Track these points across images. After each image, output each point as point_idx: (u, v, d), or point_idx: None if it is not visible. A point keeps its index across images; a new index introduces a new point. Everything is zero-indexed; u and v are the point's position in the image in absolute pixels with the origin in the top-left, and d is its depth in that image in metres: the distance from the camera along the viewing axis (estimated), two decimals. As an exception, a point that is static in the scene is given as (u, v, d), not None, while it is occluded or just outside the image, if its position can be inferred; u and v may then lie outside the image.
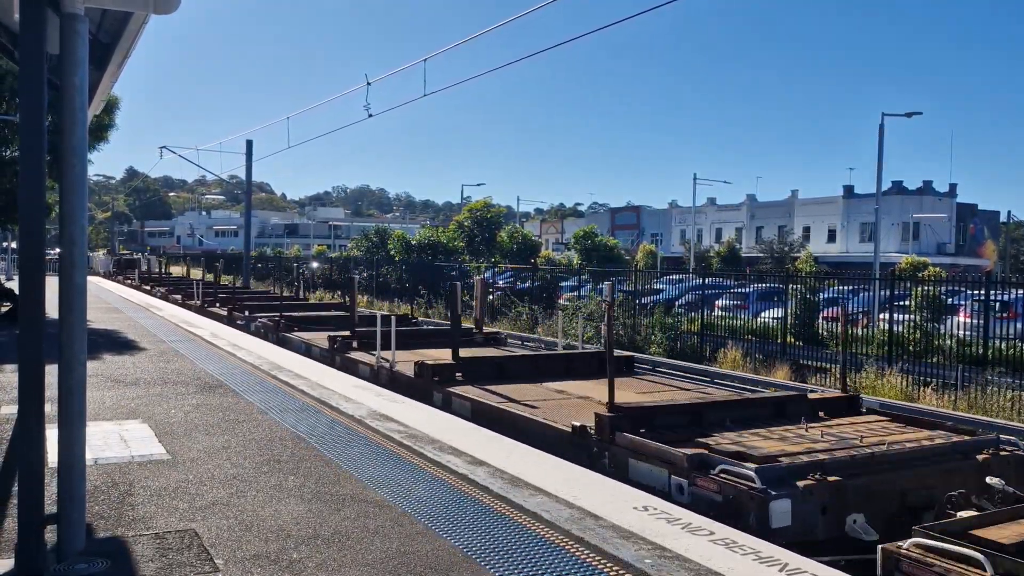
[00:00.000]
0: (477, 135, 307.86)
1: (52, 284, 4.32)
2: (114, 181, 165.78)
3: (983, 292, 16.61)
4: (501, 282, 32.43)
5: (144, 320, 20.07)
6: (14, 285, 22.71)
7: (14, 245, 50.42)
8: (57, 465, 4.52)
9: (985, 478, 6.67)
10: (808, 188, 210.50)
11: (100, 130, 23.76)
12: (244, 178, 42.02)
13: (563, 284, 30.20)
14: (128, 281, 43.43)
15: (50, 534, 4.42)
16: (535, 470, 6.50)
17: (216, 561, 4.52)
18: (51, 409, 5.19)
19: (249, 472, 6.32)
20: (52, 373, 4.40)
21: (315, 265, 44.59)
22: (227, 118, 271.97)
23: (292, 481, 6.10)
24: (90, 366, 8.29)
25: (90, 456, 6.11)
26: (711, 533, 5.10)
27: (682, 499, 6.51)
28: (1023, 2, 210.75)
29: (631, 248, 59.86)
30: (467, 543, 4.87)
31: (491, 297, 29.24)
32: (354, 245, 47.43)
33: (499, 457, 6.89)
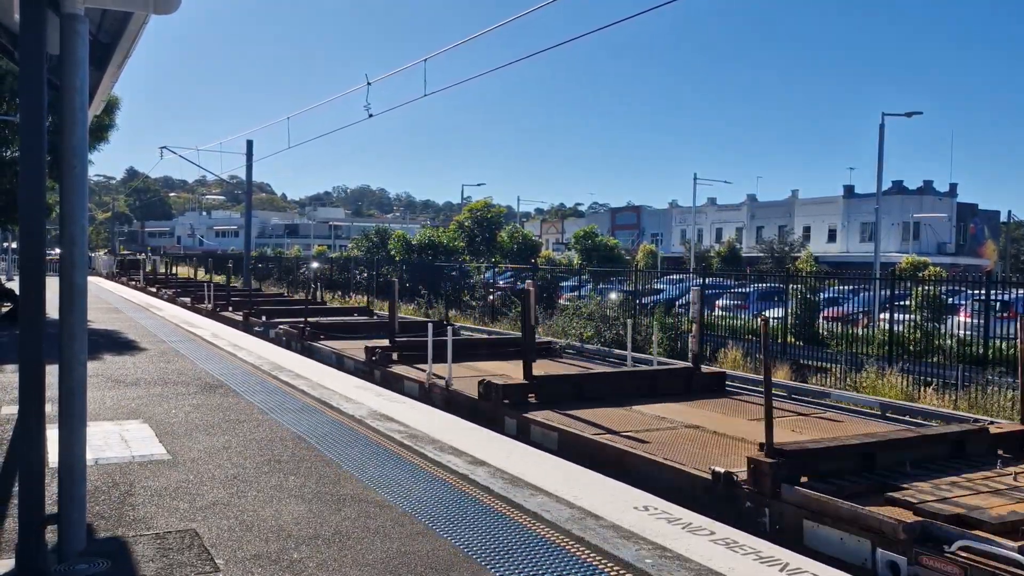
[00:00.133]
0: (477, 135, 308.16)
1: (53, 284, 4.32)
2: (114, 181, 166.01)
3: (983, 292, 16.60)
4: (501, 282, 32.44)
5: (149, 323, 19.61)
6: (14, 285, 22.71)
7: (14, 245, 50.42)
8: (58, 465, 4.53)
9: None
10: (808, 188, 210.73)
11: (100, 130, 23.79)
12: (244, 178, 42.02)
13: (563, 284, 30.23)
14: (132, 282, 42.65)
15: (51, 534, 4.42)
16: (535, 470, 6.50)
17: (217, 561, 4.52)
18: (52, 409, 5.20)
19: (250, 472, 6.32)
20: (53, 373, 4.40)
21: (315, 265, 44.61)
22: (227, 118, 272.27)
23: (293, 481, 6.10)
24: (91, 367, 8.26)
25: (91, 456, 6.11)
26: (711, 533, 5.10)
27: None
28: (1023, 2, 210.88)
29: (631, 248, 59.85)
30: (468, 543, 4.87)
31: (491, 297, 29.26)
32: (354, 245, 47.44)
33: (499, 457, 6.90)
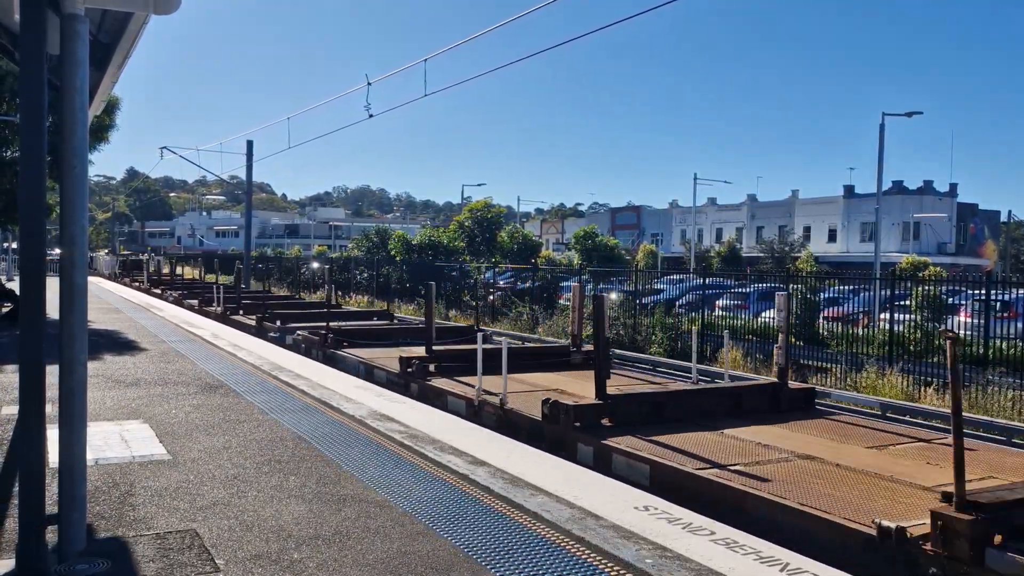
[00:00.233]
0: (477, 135, 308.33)
1: (53, 285, 4.32)
2: (115, 181, 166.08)
3: (984, 292, 16.60)
4: (502, 282, 32.46)
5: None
6: (15, 286, 22.70)
7: (15, 246, 50.36)
8: (58, 465, 4.53)
9: None
10: (808, 188, 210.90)
11: (100, 130, 23.81)
12: (244, 179, 42.04)
13: (564, 284, 30.22)
14: (135, 284, 41.56)
15: (51, 534, 4.42)
16: (535, 470, 6.50)
17: (217, 561, 4.52)
18: (52, 409, 5.20)
19: (250, 472, 6.32)
20: (53, 373, 4.40)
21: (316, 265, 44.60)
22: (227, 118, 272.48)
23: (293, 481, 6.10)
24: (92, 367, 8.20)
25: (91, 456, 6.11)
26: (712, 533, 5.10)
27: None
28: (1023, 2, 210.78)
29: (632, 248, 59.84)
30: (468, 543, 4.87)
31: (491, 297, 29.25)
32: (355, 245, 47.47)
33: (499, 457, 6.89)
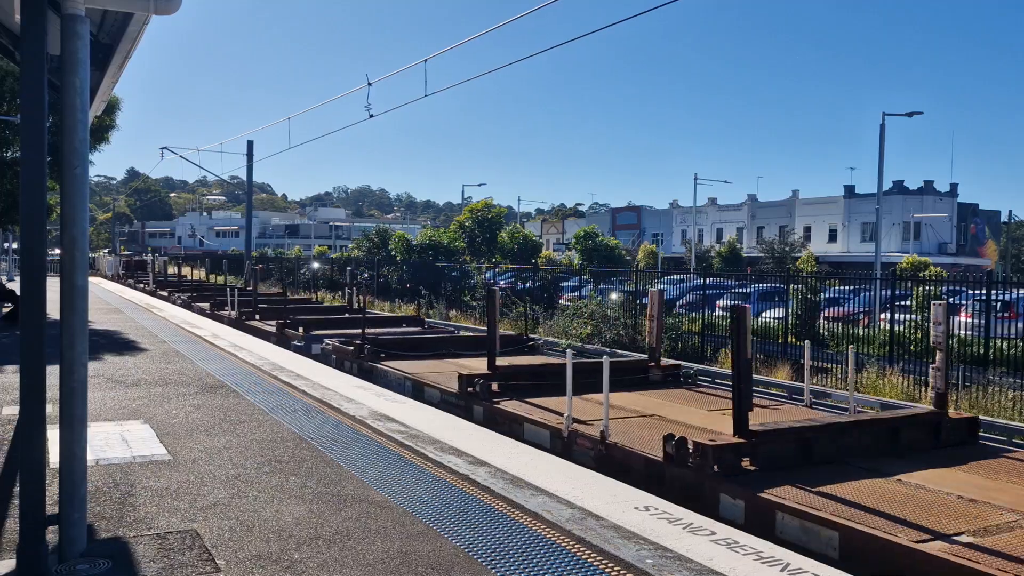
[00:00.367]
0: (478, 135, 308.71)
1: (54, 285, 4.32)
2: (115, 182, 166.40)
3: (984, 292, 16.59)
4: (502, 282, 32.44)
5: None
6: (16, 286, 22.70)
7: (15, 246, 50.31)
8: (59, 466, 4.53)
9: None
10: (809, 188, 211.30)
11: (101, 131, 23.83)
12: (245, 179, 42.05)
13: (564, 284, 30.24)
14: (140, 285, 40.24)
15: (51, 535, 4.42)
16: (536, 470, 6.49)
17: (217, 562, 4.52)
18: (53, 410, 5.20)
19: (250, 472, 6.32)
20: (54, 374, 4.40)
21: (316, 265, 44.61)
22: (228, 119, 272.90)
23: (293, 481, 6.10)
24: (93, 368, 8.26)
25: (91, 457, 6.11)
26: (712, 533, 5.09)
27: None
28: (1023, 2, 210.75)
29: (632, 248, 59.87)
30: (469, 543, 4.87)
31: (492, 297, 29.23)
32: (355, 246, 47.49)
33: (500, 457, 6.89)
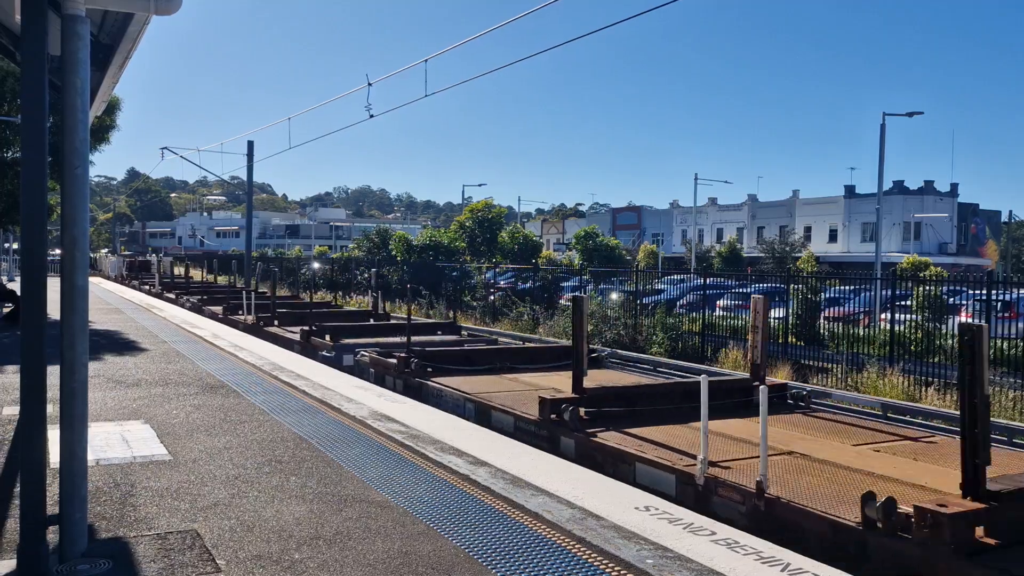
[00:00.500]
0: (478, 135, 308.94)
1: (54, 285, 4.32)
2: (115, 182, 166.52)
3: (985, 292, 16.59)
4: (503, 282, 32.45)
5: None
6: (16, 286, 22.72)
7: (16, 246, 50.25)
8: (59, 466, 4.53)
9: None
10: (809, 188, 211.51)
11: (101, 131, 23.83)
12: (245, 179, 42.03)
13: (564, 284, 30.24)
14: (145, 287, 38.21)
15: (52, 535, 4.42)
16: (536, 471, 6.49)
17: (218, 562, 4.52)
18: (53, 410, 5.20)
19: (251, 472, 6.32)
20: (54, 374, 4.40)
21: (316, 266, 44.63)
22: (228, 119, 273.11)
23: (294, 482, 6.10)
24: (99, 372, 8.22)
25: (92, 457, 6.12)
26: (713, 533, 5.09)
27: None
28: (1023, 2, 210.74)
29: (632, 248, 59.87)
30: (469, 543, 4.87)
31: (492, 297, 29.25)
32: (356, 246, 47.51)
33: (501, 458, 6.89)
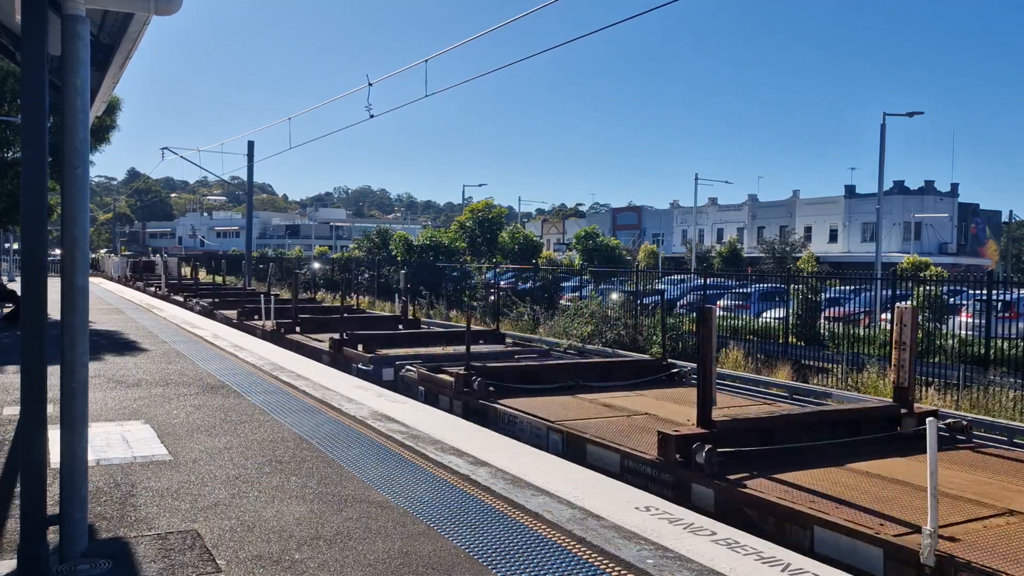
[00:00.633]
0: (478, 135, 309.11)
1: (55, 285, 4.32)
2: (116, 182, 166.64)
3: (985, 292, 16.59)
4: (503, 282, 32.46)
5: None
6: (16, 286, 22.71)
7: (16, 247, 50.20)
8: (59, 466, 4.53)
9: None
10: (810, 188, 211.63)
11: (102, 131, 23.82)
12: (245, 179, 42.03)
13: (564, 284, 30.25)
14: (151, 288, 36.54)
15: (52, 535, 4.42)
16: (537, 471, 6.49)
17: (218, 562, 4.52)
18: (53, 410, 5.20)
19: (251, 473, 6.32)
20: (54, 374, 4.40)
21: (316, 266, 44.63)
22: (228, 119, 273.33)
23: (294, 482, 6.10)
24: (101, 373, 8.23)
25: (92, 457, 6.11)
26: (713, 533, 5.09)
27: None
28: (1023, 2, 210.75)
29: (633, 248, 59.84)
30: (470, 543, 4.87)
31: (492, 298, 29.24)
32: (356, 246, 47.54)
33: (501, 458, 6.89)
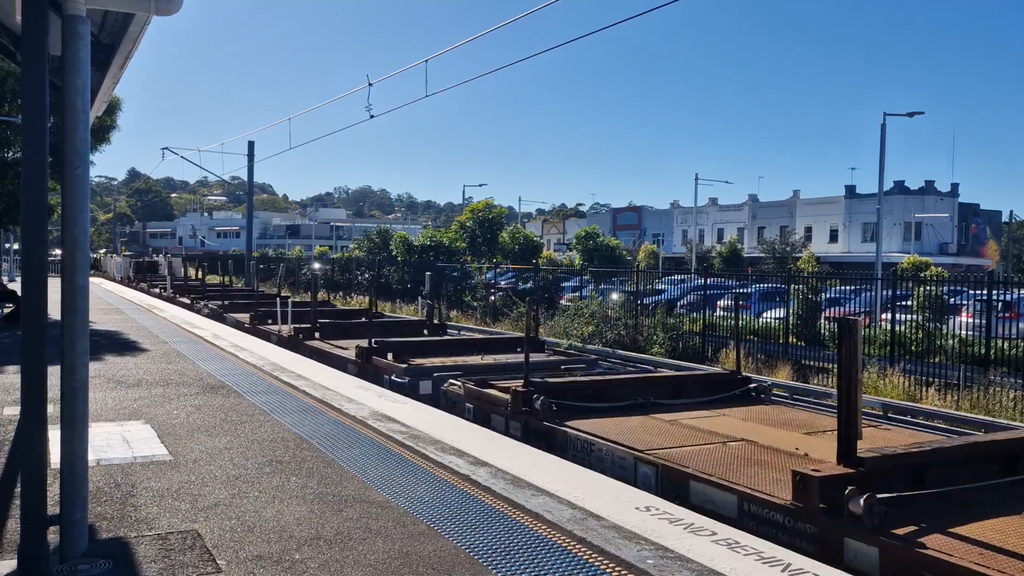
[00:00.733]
0: (478, 135, 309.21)
1: (55, 285, 4.33)
2: (116, 182, 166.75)
3: (985, 292, 16.58)
4: (503, 282, 32.47)
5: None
6: (17, 287, 22.71)
7: (16, 246, 50.18)
8: (60, 466, 4.53)
9: None
10: (810, 188, 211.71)
11: (102, 131, 23.84)
12: (246, 179, 42.05)
13: (565, 284, 30.26)
14: (155, 290, 35.55)
15: (53, 535, 4.42)
16: (537, 471, 6.49)
17: (218, 562, 4.52)
18: (54, 410, 5.20)
19: (251, 473, 6.32)
20: (55, 374, 4.40)
21: (317, 266, 44.63)
22: (228, 119, 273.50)
23: (294, 482, 6.10)
24: (101, 372, 8.26)
25: (92, 457, 6.11)
26: (713, 533, 5.09)
27: None
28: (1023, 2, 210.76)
29: (633, 248, 59.84)
30: (470, 543, 4.87)
31: (492, 297, 29.24)
32: (356, 246, 47.56)
33: (501, 458, 6.89)
